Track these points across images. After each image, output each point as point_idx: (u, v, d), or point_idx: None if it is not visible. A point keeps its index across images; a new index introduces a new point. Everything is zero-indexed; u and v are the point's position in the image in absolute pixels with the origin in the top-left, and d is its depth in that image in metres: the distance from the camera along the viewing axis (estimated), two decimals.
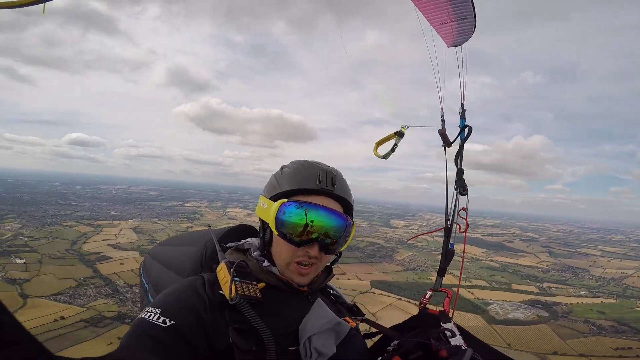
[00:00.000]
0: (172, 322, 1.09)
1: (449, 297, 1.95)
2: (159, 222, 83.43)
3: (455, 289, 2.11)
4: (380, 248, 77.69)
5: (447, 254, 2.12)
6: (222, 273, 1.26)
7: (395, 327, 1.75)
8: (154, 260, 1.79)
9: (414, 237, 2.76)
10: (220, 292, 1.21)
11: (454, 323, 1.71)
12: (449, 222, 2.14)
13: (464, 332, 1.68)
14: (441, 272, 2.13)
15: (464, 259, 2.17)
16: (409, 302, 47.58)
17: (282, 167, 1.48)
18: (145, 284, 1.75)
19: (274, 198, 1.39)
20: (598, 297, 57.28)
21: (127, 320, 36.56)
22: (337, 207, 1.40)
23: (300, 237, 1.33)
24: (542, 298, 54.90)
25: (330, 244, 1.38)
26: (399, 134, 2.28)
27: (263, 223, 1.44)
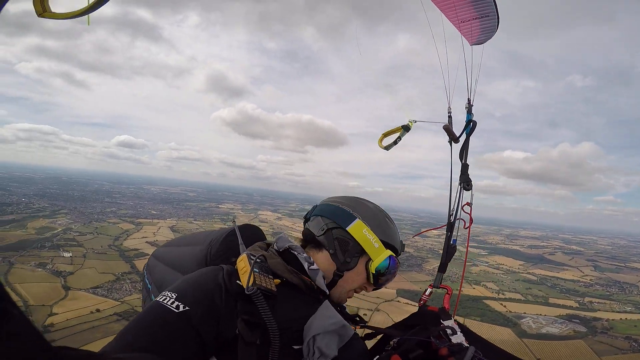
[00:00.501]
0: (186, 308, 1.12)
1: (449, 294, 1.99)
2: (194, 222, 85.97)
3: (462, 289, 2.24)
4: (409, 257, 75.63)
5: (449, 251, 2.17)
6: (243, 263, 1.32)
7: (394, 326, 1.79)
8: (157, 261, 1.82)
9: (418, 234, 2.98)
10: (238, 282, 1.25)
11: (455, 320, 1.74)
12: (451, 218, 2.19)
13: (465, 330, 1.69)
14: (442, 269, 2.17)
15: (467, 254, 2.32)
16: None
17: (385, 215, 1.68)
18: (149, 285, 1.78)
19: (385, 245, 1.56)
20: None
21: None
22: None
23: (380, 283, 1.59)
24: (582, 313, 51.63)
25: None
26: (405, 128, 2.32)
27: (357, 249, 1.54)
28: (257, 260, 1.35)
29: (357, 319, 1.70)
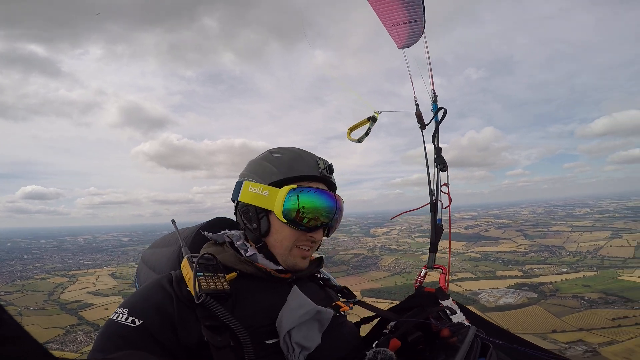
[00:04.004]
0: (141, 321, 1.08)
1: (444, 274, 2.00)
2: (137, 265, 79.91)
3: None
4: (364, 258, 77.91)
5: (437, 230, 2.18)
6: (185, 269, 1.23)
7: (392, 309, 1.72)
8: (143, 263, 1.81)
9: (396, 216, 2.85)
10: (188, 289, 1.17)
11: (453, 300, 1.69)
12: (433, 198, 2.21)
13: (464, 309, 1.67)
14: (433, 249, 2.17)
15: (450, 236, 2.29)
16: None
17: (272, 153, 1.48)
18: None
19: (276, 185, 1.37)
20: (579, 271, 59.06)
21: None
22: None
23: (311, 223, 1.36)
24: (527, 280, 56.20)
25: (332, 228, 1.49)
26: (372, 119, 2.32)
27: (257, 210, 1.39)
28: (200, 261, 1.23)
29: (346, 291, 1.62)
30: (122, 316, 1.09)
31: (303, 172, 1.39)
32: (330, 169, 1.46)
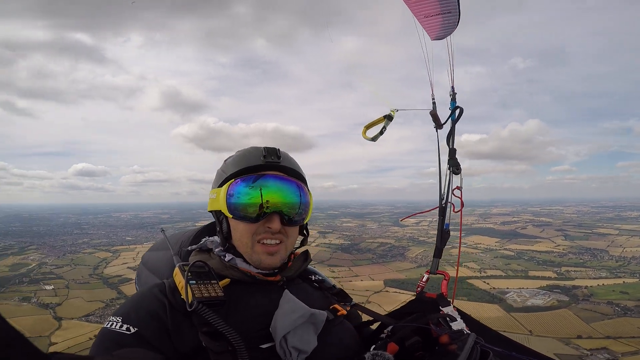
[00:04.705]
0: (136, 329, 1.10)
1: (446, 280, 1.92)
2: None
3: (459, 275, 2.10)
4: (391, 247, 77.09)
5: (443, 235, 2.08)
6: (178, 278, 1.25)
7: (392, 314, 1.70)
8: (143, 266, 1.82)
9: (406, 218, 2.78)
10: (182, 297, 1.18)
11: (454, 306, 1.66)
12: (443, 202, 2.09)
13: (465, 316, 1.62)
14: (437, 254, 2.08)
15: (461, 240, 2.19)
16: None
17: (226, 160, 1.51)
18: None
19: (222, 185, 1.41)
20: (620, 277, 55.58)
21: None
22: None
23: (257, 212, 1.34)
24: (561, 282, 53.72)
25: (289, 214, 1.39)
26: (388, 117, 2.26)
27: (217, 215, 1.44)
28: (192, 269, 1.26)
29: (342, 293, 1.62)
30: (117, 324, 1.11)
31: (245, 164, 1.40)
32: (276, 154, 1.43)
